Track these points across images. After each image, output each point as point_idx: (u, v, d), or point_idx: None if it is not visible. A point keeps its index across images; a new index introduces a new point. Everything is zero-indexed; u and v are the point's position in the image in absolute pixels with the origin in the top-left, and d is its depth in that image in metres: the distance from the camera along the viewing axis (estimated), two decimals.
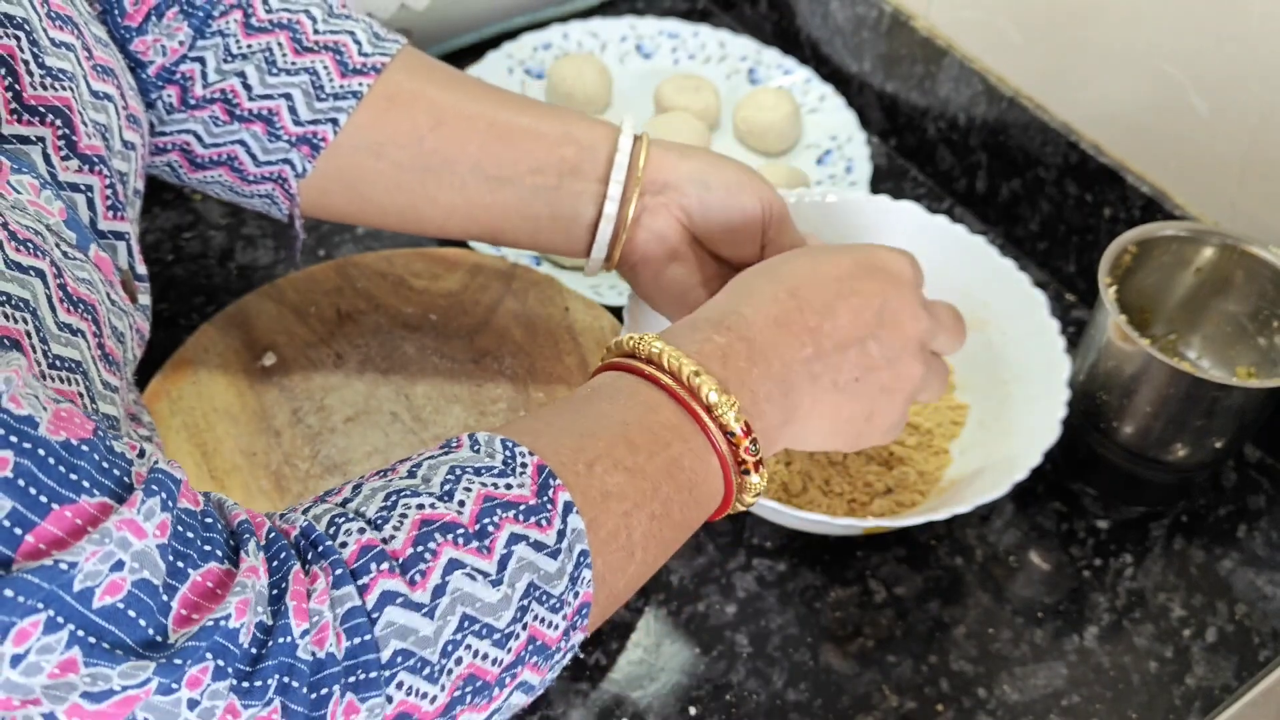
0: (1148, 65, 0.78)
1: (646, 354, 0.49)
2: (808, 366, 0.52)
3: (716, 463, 0.48)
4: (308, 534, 0.39)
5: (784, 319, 0.52)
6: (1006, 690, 0.67)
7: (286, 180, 0.62)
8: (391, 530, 0.39)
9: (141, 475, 0.36)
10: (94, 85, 0.50)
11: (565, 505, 0.43)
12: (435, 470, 0.42)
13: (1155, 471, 0.72)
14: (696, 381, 0.47)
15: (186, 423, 0.72)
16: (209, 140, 0.61)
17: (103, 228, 0.50)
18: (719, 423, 0.48)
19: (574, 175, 0.62)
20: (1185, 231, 0.73)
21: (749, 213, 0.62)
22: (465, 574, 0.40)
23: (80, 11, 0.53)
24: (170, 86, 0.60)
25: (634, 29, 1.02)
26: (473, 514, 0.41)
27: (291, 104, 0.60)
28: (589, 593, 0.43)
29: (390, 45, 0.63)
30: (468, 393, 0.76)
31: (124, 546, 0.34)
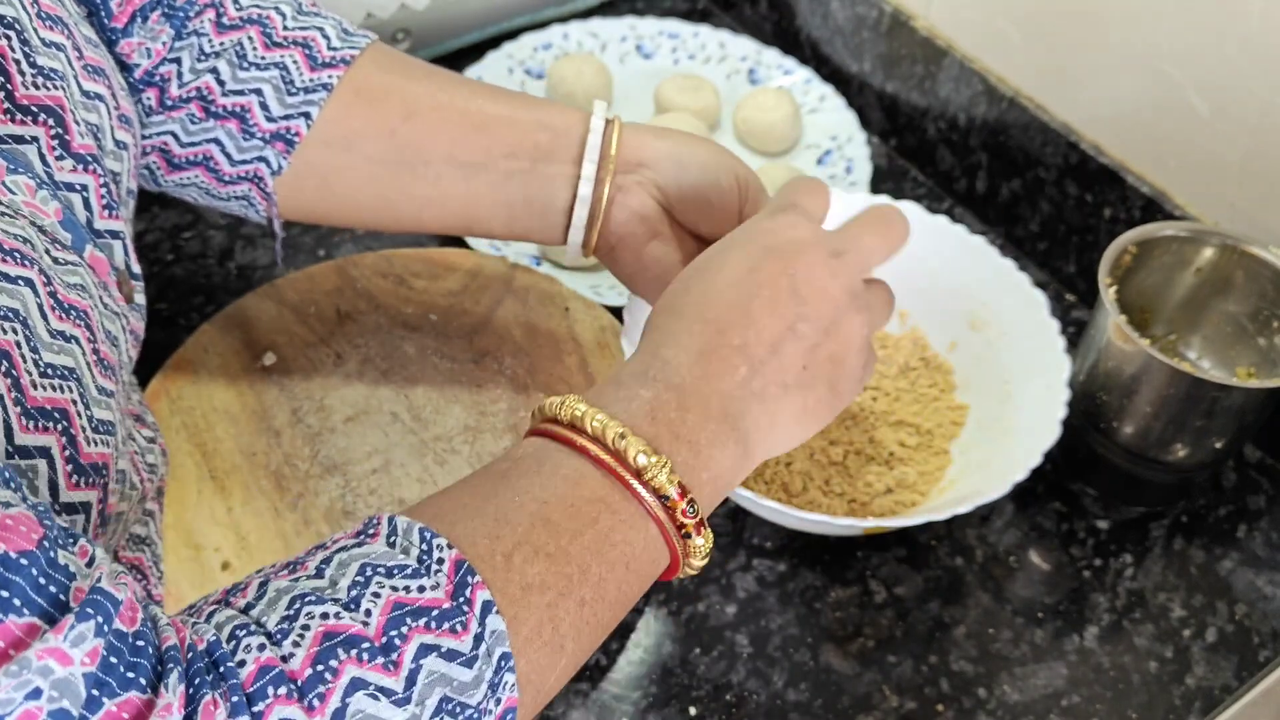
0: (1148, 65, 0.78)
1: (570, 419, 0.46)
2: (747, 387, 0.49)
3: (654, 529, 0.45)
4: (211, 651, 0.37)
5: (707, 350, 0.48)
6: (1007, 690, 0.67)
7: (262, 179, 0.62)
8: (291, 646, 0.37)
9: (82, 592, 0.34)
10: (85, 85, 0.50)
11: (484, 605, 0.40)
12: (345, 570, 0.40)
13: (1155, 472, 0.72)
14: (623, 445, 0.44)
15: (186, 423, 0.72)
16: (186, 140, 0.61)
17: (99, 227, 0.49)
18: (650, 486, 0.45)
19: (547, 159, 0.62)
20: (1185, 232, 0.73)
21: (725, 190, 0.62)
22: (369, 695, 0.37)
23: (70, 12, 0.53)
24: (149, 89, 0.61)
25: (634, 29, 1.02)
26: (379, 625, 0.38)
27: (263, 99, 0.60)
28: (513, 698, 0.40)
29: (359, 40, 0.63)
30: (468, 393, 0.76)
31: (45, 674, 0.32)
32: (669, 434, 0.46)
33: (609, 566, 0.44)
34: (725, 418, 0.48)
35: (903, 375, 0.77)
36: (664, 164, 0.62)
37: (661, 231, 0.63)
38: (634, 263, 0.63)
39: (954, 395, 0.76)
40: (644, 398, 0.47)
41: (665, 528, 0.45)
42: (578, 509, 0.44)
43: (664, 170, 0.62)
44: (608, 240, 0.63)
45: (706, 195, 0.62)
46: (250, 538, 0.67)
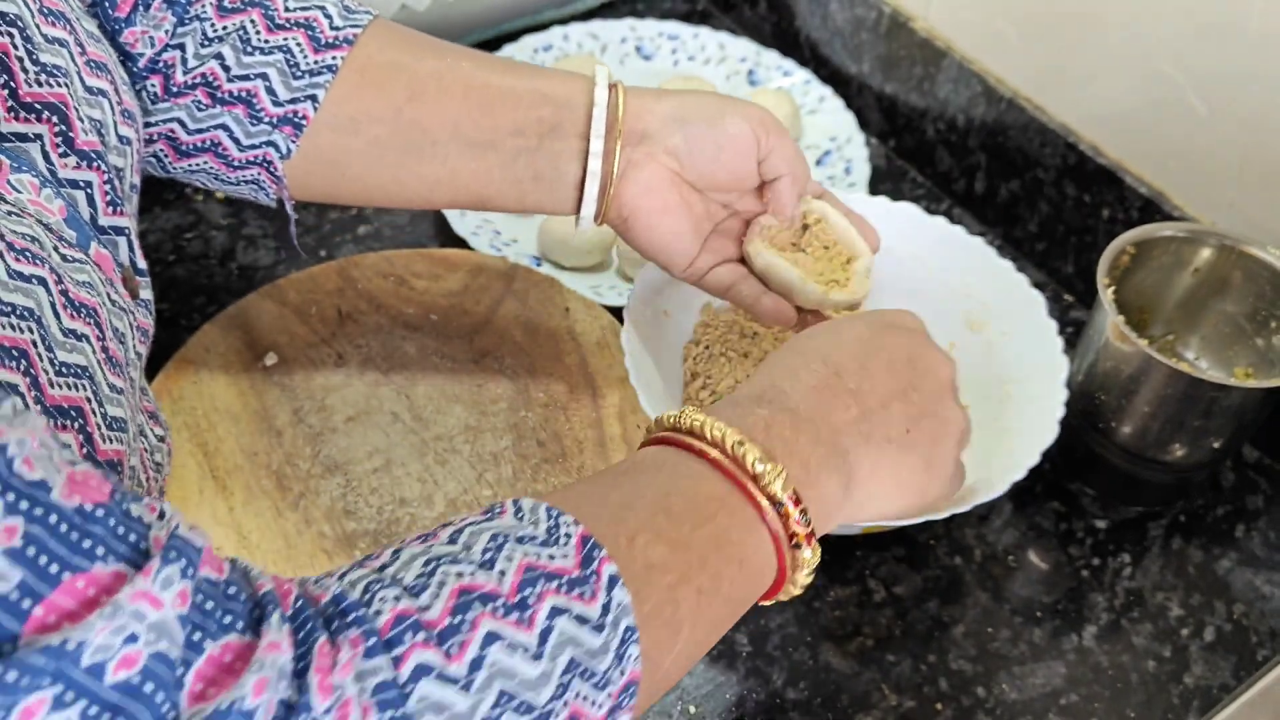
0: (1146, 66, 0.78)
1: (689, 427, 0.47)
2: (857, 427, 0.51)
3: (766, 535, 0.46)
4: (338, 602, 0.37)
5: (822, 386, 0.51)
6: (1005, 689, 0.67)
7: (272, 163, 0.62)
8: (429, 599, 0.38)
9: (160, 540, 0.34)
10: (88, 81, 0.50)
11: (610, 578, 0.41)
12: (477, 537, 0.41)
13: (1153, 471, 0.73)
14: (741, 450, 0.46)
15: (188, 423, 0.72)
16: (193, 126, 0.61)
17: (103, 223, 0.49)
18: (766, 493, 0.46)
19: (553, 134, 0.62)
20: (1183, 232, 0.73)
21: (736, 135, 0.62)
22: (504, 647, 0.38)
23: (72, 6, 0.53)
24: (154, 76, 0.60)
25: (634, 30, 1.02)
26: (514, 585, 0.39)
27: (269, 84, 0.60)
28: (636, 670, 0.41)
29: (360, 17, 0.62)
30: (468, 393, 0.76)
31: (138, 618, 0.32)
32: (783, 449, 0.48)
33: (725, 561, 0.45)
34: (834, 447, 0.50)
35: None
36: (668, 128, 0.62)
37: (673, 204, 0.63)
38: (646, 234, 0.64)
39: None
40: (760, 415, 0.49)
41: (777, 535, 0.46)
42: (697, 504, 0.45)
43: (670, 134, 0.62)
44: (619, 213, 0.64)
45: (718, 145, 0.62)
46: (252, 537, 0.67)
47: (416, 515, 0.69)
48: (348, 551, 0.67)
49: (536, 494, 0.45)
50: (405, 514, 0.69)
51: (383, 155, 0.62)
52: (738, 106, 0.63)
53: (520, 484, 0.71)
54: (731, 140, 0.62)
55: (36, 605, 0.31)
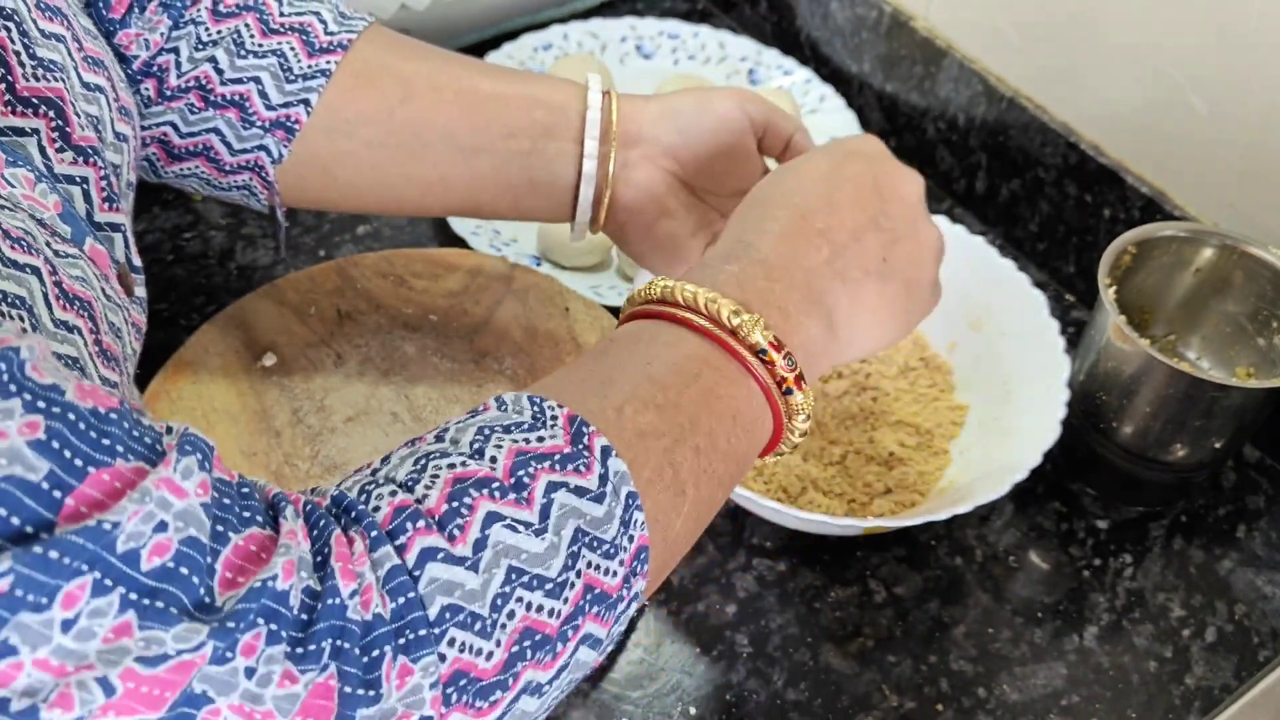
0: (1147, 66, 0.78)
1: (659, 295, 0.47)
2: (830, 266, 0.50)
3: (755, 385, 0.47)
4: (339, 502, 0.38)
5: (790, 232, 0.50)
6: (1006, 690, 0.67)
7: (263, 168, 0.62)
8: (424, 490, 0.38)
9: (172, 445, 0.35)
10: (85, 76, 0.50)
11: (603, 450, 0.41)
12: (464, 432, 0.41)
13: (1155, 472, 0.73)
14: (715, 307, 0.46)
15: (187, 423, 0.72)
16: (185, 130, 0.61)
17: (99, 219, 0.49)
18: (747, 344, 0.46)
19: (547, 137, 0.61)
20: (1184, 232, 0.73)
21: (728, 119, 0.61)
22: (505, 526, 0.38)
23: (69, 2, 0.52)
24: (148, 80, 0.60)
25: (634, 29, 1.02)
26: (506, 468, 0.40)
27: (261, 87, 0.60)
28: (644, 535, 0.41)
29: (356, 23, 0.62)
30: (468, 393, 0.76)
31: (165, 506, 0.33)
32: (759, 300, 0.47)
33: (717, 418, 0.45)
34: (809, 291, 0.49)
35: (902, 375, 0.78)
36: (661, 125, 0.62)
37: (670, 206, 0.62)
38: (644, 239, 0.63)
39: (953, 395, 0.77)
40: (730, 271, 0.48)
41: (765, 383, 0.46)
42: (680, 367, 0.45)
43: (663, 131, 0.62)
44: (616, 218, 0.63)
45: (713, 133, 0.61)
46: None
47: None
48: None
49: None
50: None
51: (375, 160, 0.62)
52: (721, 90, 0.63)
53: None
54: (722, 120, 0.61)
55: (67, 495, 0.31)
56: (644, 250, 0.64)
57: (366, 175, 0.63)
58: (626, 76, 1.00)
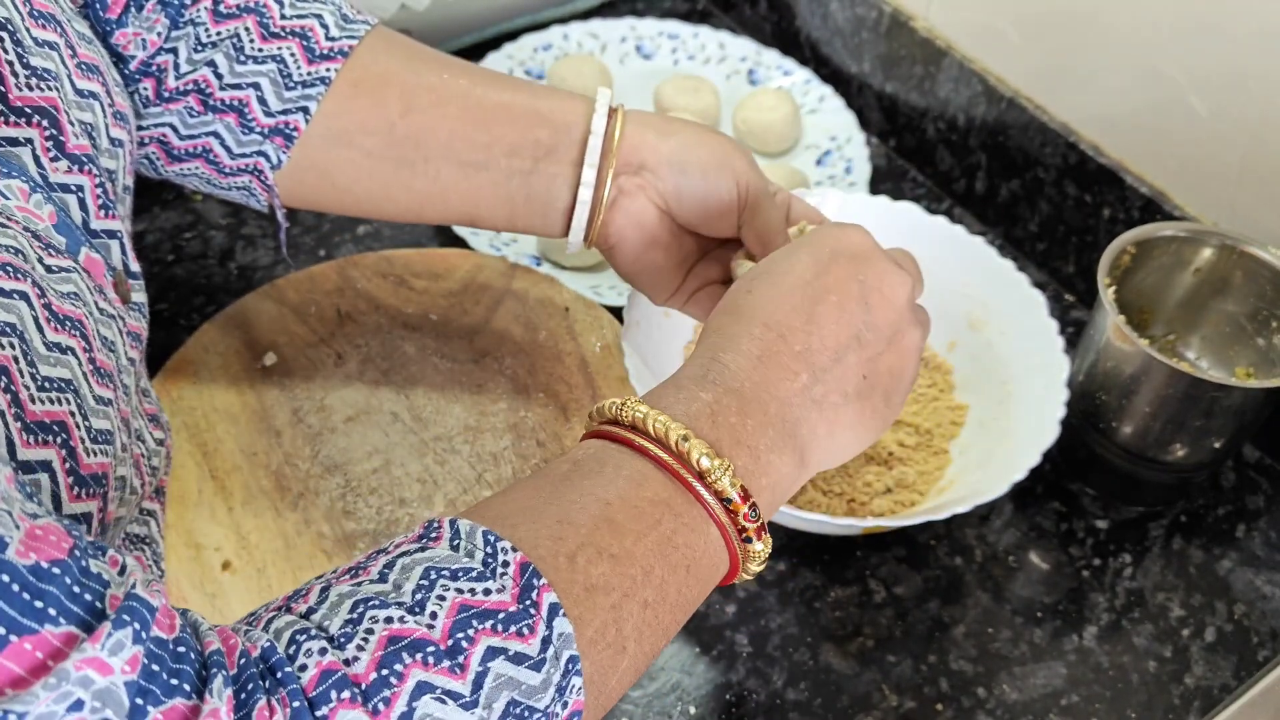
0: (1147, 66, 0.78)
1: (630, 420, 0.45)
2: (807, 394, 0.48)
3: (716, 533, 0.45)
4: (267, 658, 0.36)
5: (766, 355, 0.48)
6: (1006, 690, 0.67)
7: (262, 172, 0.62)
8: (355, 650, 0.36)
9: (117, 599, 0.33)
10: (79, 84, 0.50)
11: (551, 608, 0.39)
12: (409, 573, 0.39)
13: (1154, 471, 0.73)
14: (685, 447, 0.44)
15: (187, 423, 0.72)
16: (185, 132, 0.61)
17: (95, 227, 0.49)
18: (713, 490, 0.44)
19: (548, 158, 0.61)
20: (1184, 232, 0.73)
21: (724, 196, 0.61)
22: (435, 699, 0.36)
23: (63, 8, 0.52)
24: (146, 80, 0.60)
25: (634, 30, 1.02)
26: (445, 628, 0.37)
27: (261, 94, 0.60)
28: (579, 700, 0.40)
29: (358, 27, 0.62)
30: (468, 393, 0.76)
31: (85, 685, 0.31)
32: (730, 438, 0.46)
33: (671, 569, 0.43)
34: (784, 424, 0.47)
35: None
36: (665, 169, 0.61)
37: (659, 238, 0.63)
38: (631, 264, 0.64)
39: (953, 395, 0.77)
40: (704, 400, 0.46)
41: (727, 531, 0.45)
42: (641, 510, 0.43)
43: (665, 176, 0.61)
44: (606, 241, 0.63)
45: (706, 201, 0.61)
46: (251, 537, 0.67)
47: (416, 515, 0.69)
48: (347, 552, 0.67)
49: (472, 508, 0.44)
50: (404, 514, 0.69)
51: (374, 168, 0.62)
52: (733, 165, 0.61)
53: None
54: (720, 202, 0.61)
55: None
56: (632, 273, 0.64)
57: (365, 183, 0.62)
58: (626, 76, 1.00)
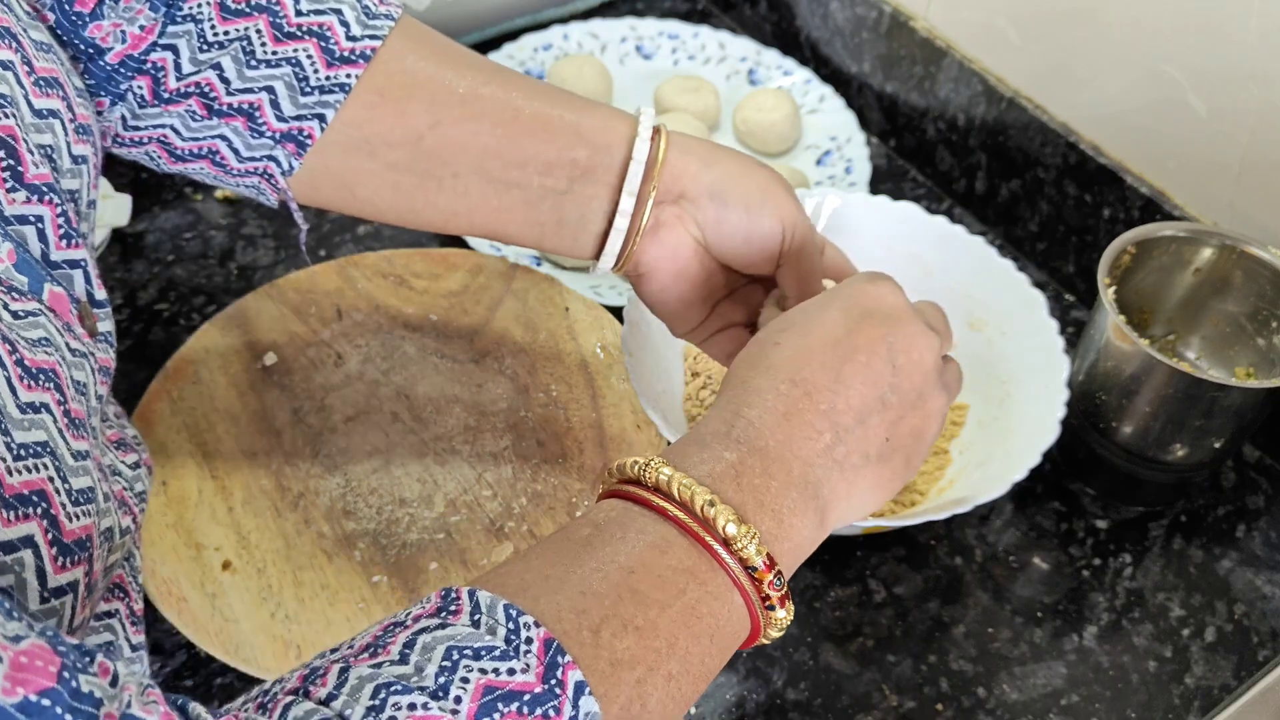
0: (1146, 66, 0.78)
1: (654, 482, 0.44)
2: (830, 455, 0.47)
3: (739, 600, 0.44)
4: None
5: (791, 412, 0.47)
6: (1006, 690, 0.67)
7: (273, 176, 0.58)
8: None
9: (112, 717, 0.32)
10: (36, 103, 0.47)
11: (577, 687, 0.38)
12: (430, 654, 0.38)
13: (1154, 471, 0.73)
14: (711, 513, 0.43)
15: (187, 422, 0.72)
16: (187, 135, 0.57)
17: (56, 258, 0.46)
18: (739, 557, 0.43)
19: (585, 179, 0.57)
20: (1184, 232, 0.73)
21: (767, 235, 0.58)
22: None
23: (17, 17, 0.48)
24: (140, 77, 0.55)
25: (634, 30, 1.02)
26: (471, 712, 0.36)
27: (274, 97, 0.56)
28: None
29: (381, 24, 0.57)
30: (468, 393, 0.76)
31: None
32: (754, 501, 0.44)
33: (694, 639, 0.42)
34: (806, 485, 0.46)
35: None
36: (706, 200, 0.58)
37: (690, 272, 0.60)
38: (657, 294, 0.61)
39: None
40: (728, 460, 0.45)
41: (750, 599, 0.44)
42: (665, 579, 0.42)
43: (705, 207, 0.58)
44: (636, 269, 0.60)
45: (748, 238, 0.58)
46: (251, 537, 0.67)
47: (416, 515, 0.69)
48: (347, 551, 0.67)
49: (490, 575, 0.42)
50: (405, 514, 0.69)
51: (398, 181, 0.58)
52: (777, 203, 0.59)
53: (520, 484, 0.71)
54: (762, 237, 0.58)
55: None
56: (655, 303, 0.62)
57: (386, 195, 0.59)
58: (626, 76, 1.00)
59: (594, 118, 0.58)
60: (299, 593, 0.65)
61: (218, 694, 0.64)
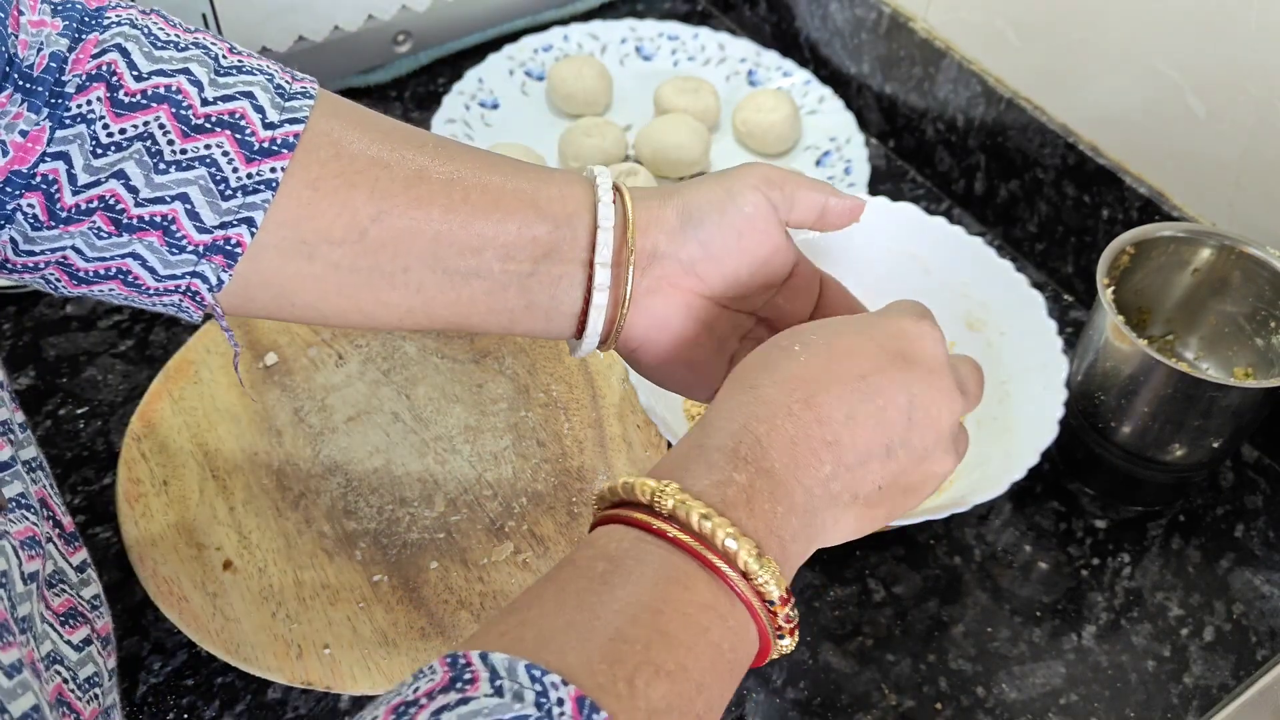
0: (1145, 66, 0.78)
1: (668, 510, 0.41)
2: (827, 486, 0.45)
3: (754, 632, 0.42)
4: None
5: (800, 438, 0.45)
6: (1005, 689, 0.67)
7: (198, 294, 0.50)
8: None
9: None
10: None
11: None
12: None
13: (1153, 471, 0.73)
14: (734, 548, 0.41)
15: (188, 422, 0.72)
16: (92, 255, 0.49)
17: None
18: (756, 590, 0.41)
19: (550, 258, 0.52)
20: (1183, 232, 0.73)
21: (751, 212, 0.53)
22: None
23: None
24: (30, 194, 0.47)
25: (634, 31, 1.02)
26: None
27: (190, 206, 0.48)
28: None
29: (300, 105, 0.50)
30: (468, 393, 0.76)
31: None
32: (765, 528, 0.43)
33: (718, 677, 0.41)
34: (805, 514, 0.45)
35: None
36: (680, 239, 0.53)
37: (690, 333, 0.54)
38: (659, 365, 0.56)
39: None
40: (739, 483, 0.43)
41: (765, 630, 0.43)
42: (690, 618, 0.40)
43: (682, 246, 0.53)
44: (628, 344, 0.55)
45: (735, 230, 0.53)
46: (252, 537, 0.67)
47: (416, 515, 0.69)
48: (348, 551, 0.67)
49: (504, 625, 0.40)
50: (405, 514, 0.69)
51: (342, 282, 0.51)
52: (742, 176, 0.54)
53: (520, 484, 0.71)
54: (749, 220, 0.53)
55: None
56: (660, 376, 0.57)
57: (331, 299, 0.52)
58: (626, 77, 1.00)
59: (550, 187, 0.52)
60: (300, 592, 0.65)
61: (219, 693, 0.64)
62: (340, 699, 0.64)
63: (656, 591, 0.40)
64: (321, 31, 0.96)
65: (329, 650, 0.62)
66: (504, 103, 0.97)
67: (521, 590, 0.64)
